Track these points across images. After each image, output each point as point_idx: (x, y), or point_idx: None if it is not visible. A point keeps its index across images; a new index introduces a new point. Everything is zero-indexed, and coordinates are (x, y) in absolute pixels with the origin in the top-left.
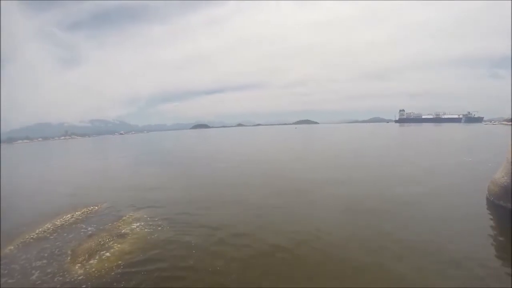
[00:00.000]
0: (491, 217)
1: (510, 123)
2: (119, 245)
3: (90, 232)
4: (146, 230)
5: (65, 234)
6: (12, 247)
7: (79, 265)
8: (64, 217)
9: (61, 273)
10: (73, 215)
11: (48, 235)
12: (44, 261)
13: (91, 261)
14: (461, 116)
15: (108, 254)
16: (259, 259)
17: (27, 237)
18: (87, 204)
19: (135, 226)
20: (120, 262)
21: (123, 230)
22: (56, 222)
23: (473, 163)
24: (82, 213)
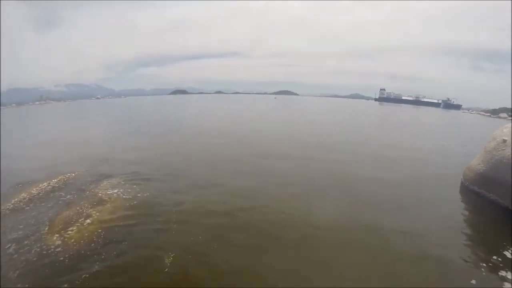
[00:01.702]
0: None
1: (488, 114)
2: (97, 213)
3: (67, 200)
4: (123, 196)
5: (42, 204)
6: None
7: (57, 235)
8: (40, 185)
9: (38, 245)
10: (49, 183)
11: (24, 206)
12: (20, 232)
13: (70, 231)
14: (440, 102)
15: (88, 221)
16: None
17: (2, 208)
18: (64, 172)
19: (112, 193)
20: (99, 230)
21: (102, 197)
22: (32, 191)
23: (450, 148)
24: (59, 180)
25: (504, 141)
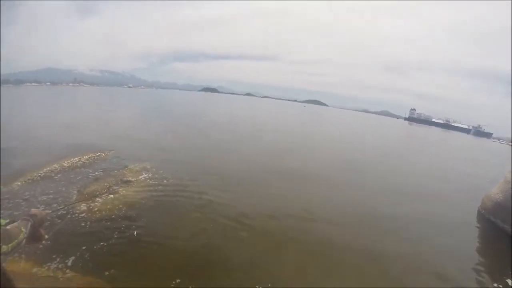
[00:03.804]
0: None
1: None
2: (123, 191)
3: (96, 176)
4: (150, 181)
5: (72, 176)
6: (19, 183)
7: (83, 204)
8: (72, 159)
9: (65, 208)
10: (80, 159)
11: (54, 175)
12: (50, 196)
13: (96, 202)
14: (470, 127)
15: (112, 196)
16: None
17: (34, 175)
18: (95, 150)
19: (141, 176)
20: (121, 206)
21: (129, 178)
22: (64, 164)
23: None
24: (90, 157)
25: None
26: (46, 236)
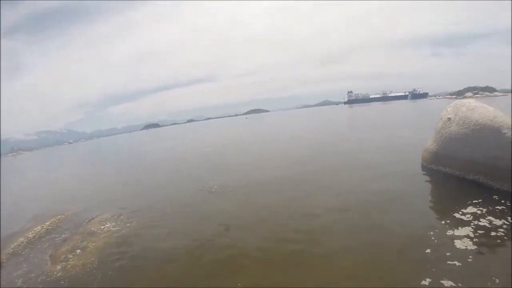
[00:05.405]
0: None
1: (454, 96)
2: (92, 244)
3: (63, 237)
4: (114, 228)
5: (40, 245)
6: None
7: (58, 266)
8: (35, 229)
9: (43, 274)
10: (43, 226)
11: (23, 248)
12: (25, 269)
13: (69, 261)
14: (407, 93)
15: (82, 251)
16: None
17: (2, 255)
18: (54, 214)
19: (103, 227)
20: (93, 259)
21: (94, 230)
22: (29, 235)
23: (412, 136)
24: (51, 222)
25: (449, 119)
26: None
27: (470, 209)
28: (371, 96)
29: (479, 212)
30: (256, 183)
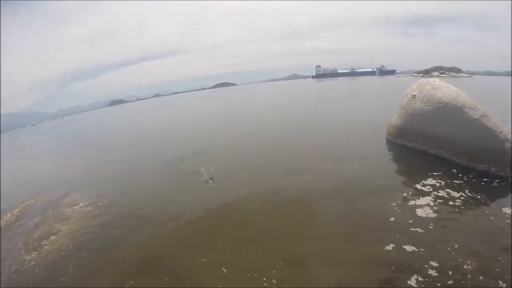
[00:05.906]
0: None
1: (421, 75)
2: (65, 227)
3: (35, 222)
4: (87, 209)
5: (11, 232)
6: None
7: (33, 252)
8: (5, 217)
9: (17, 264)
10: (12, 214)
11: None
12: None
13: (43, 247)
14: (375, 70)
15: (56, 236)
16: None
17: None
18: (22, 201)
19: (76, 207)
20: (68, 241)
21: (66, 212)
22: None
23: (377, 110)
24: (21, 209)
25: (414, 96)
26: None
27: (431, 181)
28: (339, 71)
29: (437, 184)
30: None
